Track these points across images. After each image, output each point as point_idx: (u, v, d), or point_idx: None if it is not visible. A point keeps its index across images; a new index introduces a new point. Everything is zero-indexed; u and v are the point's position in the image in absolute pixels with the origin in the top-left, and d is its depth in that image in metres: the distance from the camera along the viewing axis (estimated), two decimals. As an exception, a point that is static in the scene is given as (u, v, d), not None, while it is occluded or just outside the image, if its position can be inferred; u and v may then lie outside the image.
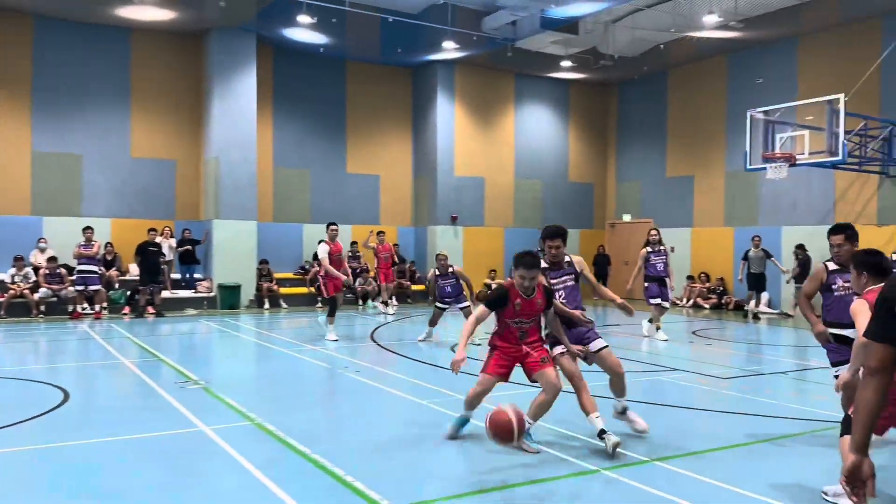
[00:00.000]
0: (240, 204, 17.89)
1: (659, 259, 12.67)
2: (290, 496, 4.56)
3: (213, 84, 17.74)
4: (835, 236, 6.03)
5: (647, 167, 22.18)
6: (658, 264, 12.60)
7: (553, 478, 5.04)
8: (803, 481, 5.08)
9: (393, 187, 21.30)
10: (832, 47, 17.12)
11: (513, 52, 18.37)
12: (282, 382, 8.67)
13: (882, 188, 16.17)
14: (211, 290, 17.80)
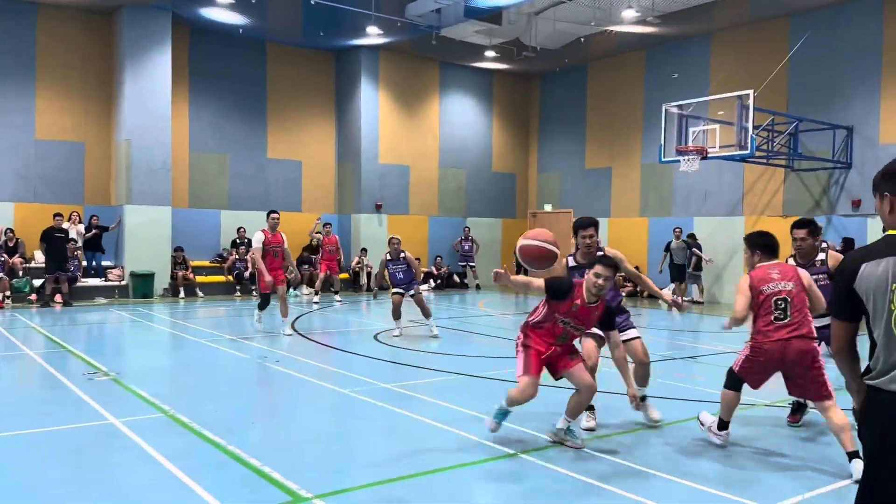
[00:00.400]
0: (153, 189, 17.25)
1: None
2: (203, 488, 4.45)
3: (126, 64, 17.01)
4: (798, 230, 6.26)
5: (568, 158, 22.61)
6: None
7: (468, 463, 5.09)
8: (709, 458, 5.30)
9: (315, 174, 20.98)
10: (743, 44, 17.84)
11: (437, 41, 18.34)
12: (197, 373, 8.44)
13: (787, 181, 16.99)
14: (122, 279, 17.13)
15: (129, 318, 13.62)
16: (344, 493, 4.46)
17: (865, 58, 15.62)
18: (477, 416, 6.38)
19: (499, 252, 23.38)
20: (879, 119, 15.44)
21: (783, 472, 5.04)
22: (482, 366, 8.85)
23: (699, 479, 4.77)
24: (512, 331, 12.40)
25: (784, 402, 7.19)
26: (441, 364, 8.98)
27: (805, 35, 16.29)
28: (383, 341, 10.82)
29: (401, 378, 8.05)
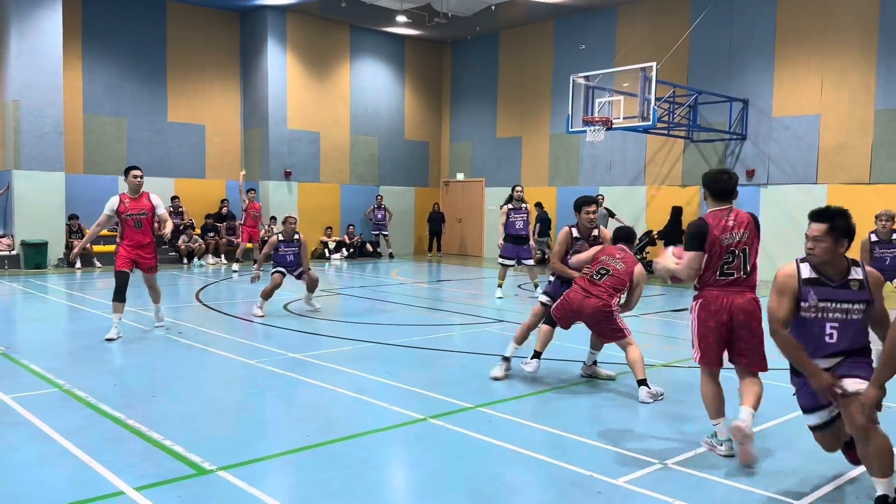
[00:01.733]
0: (44, 153, 16.25)
1: (519, 217, 12.54)
2: (100, 464, 4.29)
3: (11, 20, 15.82)
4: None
5: (480, 127, 22.72)
6: (517, 222, 12.45)
7: (379, 429, 5.12)
8: (610, 419, 5.52)
9: (220, 139, 20.27)
10: (647, 18, 18.28)
11: (346, 3, 17.93)
12: (95, 347, 8.08)
13: (686, 152, 17.66)
14: (13, 248, 16.15)
15: (21, 290, 12.89)
16: (249, 464, 4.40)
17: (760, 32, 16.32)
18: (386, 383, 6.41)
19: (412, 220, 23.36)
20: (773, 92, 16.21)
21: (680, 427, 5.29)
22: (394, 334, 8.87)
23: (606, 440, 4.96)
24: (425, 299, 12.46)
25: (680, 361, 7.53)
26: (353, 333, 8.95)
27: (706, 9, 16.84)
28: (293, 311, 10.67)
29: (311, 348, 7.98)
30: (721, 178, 4.79)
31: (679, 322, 10.24)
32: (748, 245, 4.68)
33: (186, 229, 18.14)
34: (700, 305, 4.72)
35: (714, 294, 4.66)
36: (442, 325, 9.88)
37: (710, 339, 4.68)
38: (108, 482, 4.05)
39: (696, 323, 4.75)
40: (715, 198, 4.80)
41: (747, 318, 4.64)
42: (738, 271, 4.65)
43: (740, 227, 4.67)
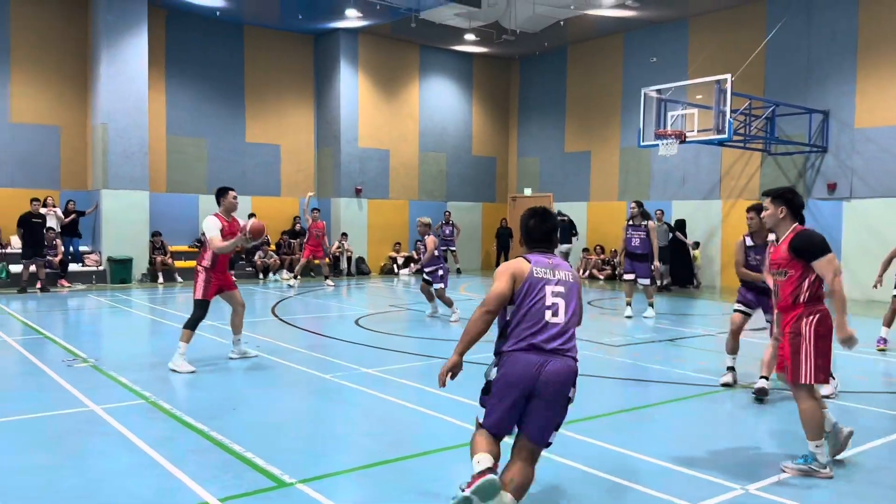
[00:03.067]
0: (130, 173, 17.06)
1: (635, 234, 12.13)
2: (185, 474, 4.47)
3: (101, 47, 16.75)
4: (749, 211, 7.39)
5: (547, 142, 22.66)
6: (633, 239, 12.11)
7: (453, 446, 5.15)
8: (688, 442, 5.41)
9: (294, 158, 20.86)
10: (720, 29, 17.93)
11: (416, 24, 18.24)
12: (178, 359, 8.40)
13: (764, 165, 17.17)
14: (100, 264, 16.98)
15: (108, 304, 13.51)
16: (326, 477, 4.50)
17: (841, 42, 15.78)
18: (458, 399, 6.44)
19: (479, 236, 23.43)
20: (855, 103, 15.63)
21: (759, 453, 5.15)
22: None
23: (681, 462, 4.86)
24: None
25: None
26: (422, 349, 9.03)
27: (782, 20, 16.41)
28: (364, 326, 10.84)
29: (382, 363, 8.09)
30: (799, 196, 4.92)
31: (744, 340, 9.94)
32: None
33: (262, 245, 18.68)
34: (819, 321, 4.67)
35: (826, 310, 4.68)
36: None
37: (828, 356, 4.66)
38: (192, 492, 4.21)
39: (814, 339, 4.63)
40: (796, 216, 4.83)
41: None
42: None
43: None
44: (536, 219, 3.99)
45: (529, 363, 3.70)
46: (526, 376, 3.69)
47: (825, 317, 4.65)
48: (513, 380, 3.72)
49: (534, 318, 3.76)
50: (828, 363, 4.67)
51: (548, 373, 3.69)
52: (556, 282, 3.83)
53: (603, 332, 10.56)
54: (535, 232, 3.98)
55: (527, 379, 3.69)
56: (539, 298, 3.78)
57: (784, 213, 4.80)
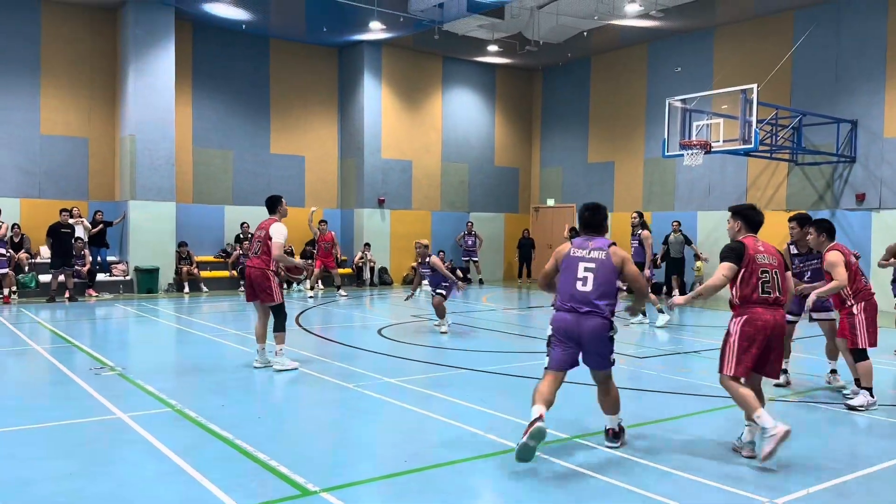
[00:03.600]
0: (157, 184, 17.29)
1: (632, 243, 12.54)
2: (211, 482, 4.49)
3: (129, 60, 17.03)
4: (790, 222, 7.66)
5: (570, 153, 22.60)
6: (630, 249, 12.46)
7: (476, 456, 5.13)
8: (715, 453, 5.33)
9: (318, 168, 21.01)
10: (746, 39, 17.80)
11: (439, 35, 18.33)
12: (203, 368, 8.48)
13: (791, 175, 16.97)
14: (127, 274, 17.20)
15: (135, 314, 13.67)
16: (350, 486, 4.50)
17: (869, 51, 15.59)
18: (481, 410, 6.42)
19: (502, 247, 23.40)
20: (884, 112, 15.41)
21: (787, 466, 5.07)
22: (486, 360, 8.89)
23: (702, 473, 4.80)
24: (516, 325, 12.43)
25: (791, 395, 7.24)
26: (445, 359, 9.02)
27: (808, 29, 16.26)
28: (387, 336, 10.85)
29: (405, 373, 8.09)
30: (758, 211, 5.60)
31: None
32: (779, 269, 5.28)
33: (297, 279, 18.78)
34: (744, 322, 5.18)
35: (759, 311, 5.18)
36: (534, 353, 9.81)
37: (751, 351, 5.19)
38: (218, 500, 4.23)
39: (738, 337, 5.18)
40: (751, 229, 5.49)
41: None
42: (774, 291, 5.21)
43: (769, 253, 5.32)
44: (589, 211, 5.42)
45: (566, 320, 5.12)
46: (567, 330, 5.12)
47: (751, 319, 5.13)
48: (559, 333, 5.18)
49: (568, 286, 5.15)
50: (748, 359, 5.13)
51: (583, 328, 5.07)
52: (589, 259, 5.14)
53: (627, 344, 10.47)
54: (584, 220, 5.42)
55: (569, 332, 5.12)
56: (572, 272, 5.17)
57: (740, 226, 5.50)
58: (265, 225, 8.21)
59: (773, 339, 5.15)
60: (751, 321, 5.12)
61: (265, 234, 8.12)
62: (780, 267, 5.29)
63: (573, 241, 5.33)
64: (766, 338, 5.12)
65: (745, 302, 5.20)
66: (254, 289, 8.14)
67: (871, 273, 15.37)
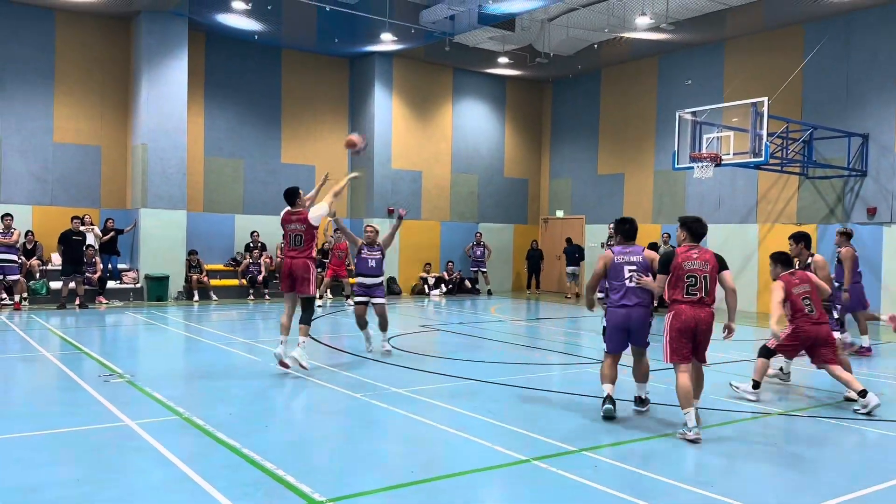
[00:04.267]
0: (168, 193, 17.40)
1: None
2: (217, 490, 4.49)
3: (142, 69, 17.19)
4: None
5: (580, 164, 22.60)
6: None
7: (483, 468, 5.11)
8: (721, 467, 5.29)
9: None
10: (757, 52, 17.79)
11: (450, 47, 18.40)
12: (211, 376, 8.50)
13: (801, 188, 16.91)
14: (137, 281, 17.28)
15: (144, 321, 13.73)
16: (357, 496, 4.49)
17: (880, 65, 15.55)
18: (488, 421, 6.40)
19: (510, 258, 23.38)
20: (894, 126, 15.35)
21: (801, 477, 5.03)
22: (495, 372, 8.87)
23: (711, 488, 4.76)
24: (524, 337, 12.40)
25: (799, 410, 7.19)
26: (453, 370, 9.01)
27: (820, 43, 16.23)
28: (395, 346, 10.84)
29: (412, 383, 8.08)
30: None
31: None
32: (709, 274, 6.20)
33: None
34: (673, 316, 6.23)
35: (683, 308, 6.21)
36: (542, 365, 9.79)
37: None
38: (224, 508, 4.23)
39: (669, 330, 6.22)
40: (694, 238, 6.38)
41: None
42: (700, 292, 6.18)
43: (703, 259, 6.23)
44: (623, 223, 6.72)
45: (619, 315, 6.52)
46: (621, 323, 6.52)
47: (678, 313, 6.15)
48: (615, 325, 6.56)
49: (619, 287, 6.52)
50: (683, 348, 6.11)
51: (633, 319, 6.51)
52: (631, 262, 6.51)
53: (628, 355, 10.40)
54: (621, 230, 6.71)
55: (622, 323, 6.52)
56: (620, 273, 6.52)
57: (685, 236, 6.40)
58: (301, 217, 8.52)
59: (698, 332, 6.13)
60: (677, 317, 6.12)
61: (305, 226, 8.46)
62: (712, 272, 6.18)
63: (614, 249, 6.60)
64: (691, 330, 6.10)
65: (673, 301, 6.20)
66: (293, 279, 8.41)
67: (882, 287, 15.28)
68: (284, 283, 8.57)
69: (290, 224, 8.63)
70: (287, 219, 8.67)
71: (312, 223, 8.52)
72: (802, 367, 9.82)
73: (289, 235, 8.64)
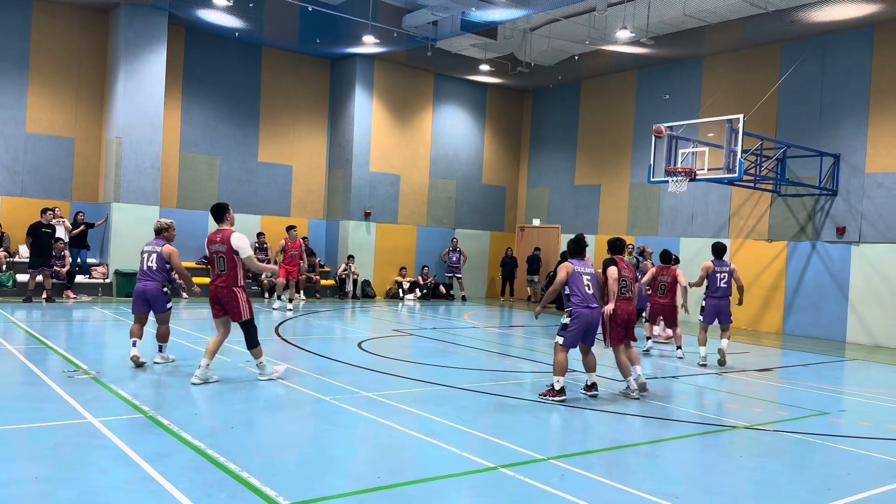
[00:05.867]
0: (142, 188, 17.18)
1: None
2: (180, 491, 4.43)
3: (120, 62, 16.97)
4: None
5: (557, 174, 22.73)
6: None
7: (450, 475, 5.10)
8: (686, 479, 5.34)
9: (306, 179, 20.97)
10: (734, 69, 18.04)
11: (432, 52, 18.43)
12: (177, 375, 8.39)
13: (773, 206, 17.16)
14: (107, 277, 17.03)
15: (112, 317, 13.52)
16: (321, 501, 4.45)
17: (854, 87, 15.85)
18: (457, 428, 6.39)
19: (486, 264, 23.43)
20: (866, 147, 15.64)
21: (764, 491, 5.08)
22: (465, 378, 8.86)
23: (681, 501, 4.79)
24: (496, 344, 12.41)
25: (764, 424, 7.27)
26: (424, 375, 8.98)
27: (796, 63, 16.51)
28: (367, 349, 10.80)
29: (383, 387, 8.05)
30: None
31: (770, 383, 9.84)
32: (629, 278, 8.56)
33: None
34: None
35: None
36: (513, 372, 9.81)
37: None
38: (186, 510, 4.17)
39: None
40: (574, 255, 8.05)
41: None
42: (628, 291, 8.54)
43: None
44: (576, 243, 8.10)
45: (585, 314, 7.68)
46: (586, 321, 7.70)
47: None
48: (580, 322, 7.67)
49: (581, 292, 7.69)
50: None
51: (594, 318, 7.77)
52: (587, 273, 7.81)
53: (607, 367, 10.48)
54: (575, 248, 8.08)
55: (586, 322, 7.70)
56: (580, 282, 7.72)
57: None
58: (224, 238, 7.73)
59: (629, 323, 8.34)
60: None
61: (228, 249, 7.71)
62: (598, 277, 8.10)
63: (574, 262, 7.85)
64: (625, 322, 8.27)
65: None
66: (222, 307, 7.89)
67: (849, 305, 15.55)
68: (215, 310, 7.99)
69: (213, 244, 7.83)
70: (212, 238, 7.89)
71: (237, 251, 7.70)
72: (770, 383, 9.95)
73: (213, 257, 7.87)
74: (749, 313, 17.23)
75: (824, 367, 11.78)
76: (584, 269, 7.81)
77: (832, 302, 15.93)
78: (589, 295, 7.69)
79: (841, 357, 13.28)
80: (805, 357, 12.80)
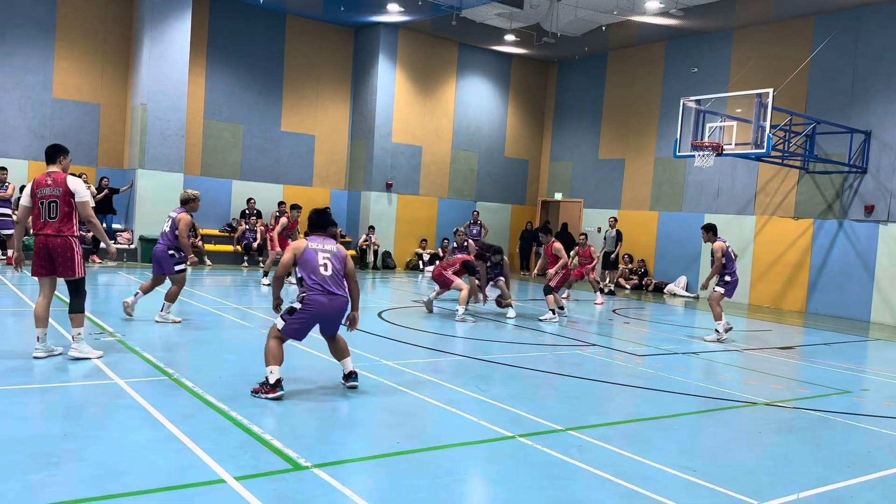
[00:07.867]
0: (166, 155, 17.30)
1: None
2: (203, 450, 4.51)
3: (145, 29, 17.00)
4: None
5: (581, 148, 22.53)
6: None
7: (469, 442, 5.15)
8: (706, 454, 5.34)
9: (328, 149, 20.99)
10: (765, 43, 17.68)
11: (457, 21, 18.24)
12: (202, 340, 8.52)
13: (801, 182, 16.90)
14: (132, 242, 17.24)
15: (137, 282, 13.71)
16: (342, 464, 4.52)
17: (887, 62, 15.47)
18: (476, 397, 6.43)
19: (507, 237, 23.38)
20: (898, 125, 15.32)
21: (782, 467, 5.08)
22: (484, 349, 8.90)
23: (695, 473, 4.81)
24: (514, 317, 12.44)
25: (784, 401, 7.24)
26: (443, 345, 9.04)
27: (829, 36, 16.13)
28: (386, 319, 10.87)
29: (402, 356, 8.11)
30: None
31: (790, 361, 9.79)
32: None
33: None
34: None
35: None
36: (532, 345, 9.83)
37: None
38: (210, 469, 4.25)
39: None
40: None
41: None
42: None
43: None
44: (317, 215, 6.53)
45: (322, 302, 6.09)
46: (321, 309, 6.11)
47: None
48: (312, 311, 6.10)
49: (315, 273, 6.10)
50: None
51: (332, 306, 6.16)
52: (324, 251, 6.18)
53: (627, 342, 10.47)
54: (314, 223, 6.52)
55: (321, 311, 6.13)
56: (315, 261, 6.12)
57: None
58: (57, 180, 6.66)
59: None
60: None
61: (63, 192, 6.61)
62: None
63: (308, 239, 6.29)
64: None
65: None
66: (51, 261, 6.69)
67: (875, 285, 15.34)
68: (38, 266, 6.76)
69: (42, 188, 6.67)
70: (40, 181, 6.71)
71: (74, 194, 6.72)
72: (792, 361, 9.89)
73: (40, 203, 6.68)
74: (772, 291, 17.08)
75: (847, 347, 11.68)
76: (322, 244, 6.20)
77: (857, 281, 15.73)
78: (326, 278, 6.08)
79: (865, 337, 13.14)
80: (828, 336, 12.69)
